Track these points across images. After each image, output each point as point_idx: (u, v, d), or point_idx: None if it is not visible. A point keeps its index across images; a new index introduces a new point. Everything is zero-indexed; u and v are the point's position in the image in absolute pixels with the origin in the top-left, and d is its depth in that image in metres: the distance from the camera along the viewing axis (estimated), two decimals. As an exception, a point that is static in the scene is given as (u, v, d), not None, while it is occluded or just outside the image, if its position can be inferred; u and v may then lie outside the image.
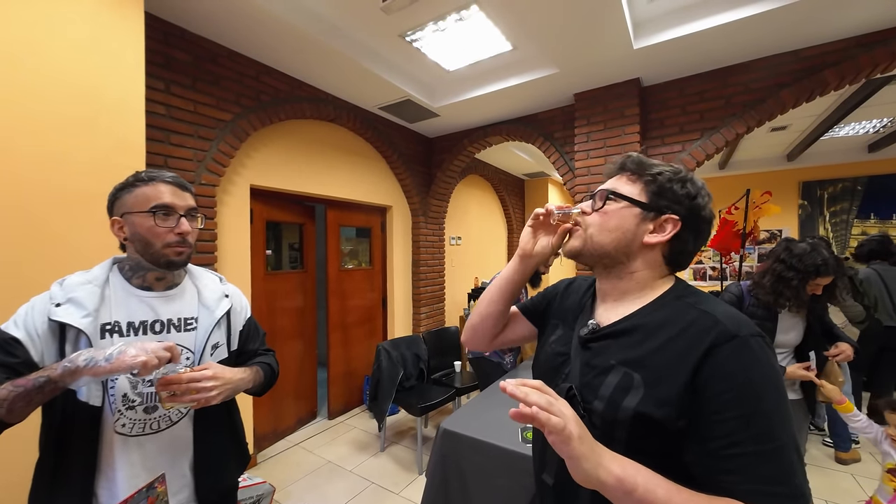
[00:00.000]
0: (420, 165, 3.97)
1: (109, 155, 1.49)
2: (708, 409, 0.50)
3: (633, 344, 0.59)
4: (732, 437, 0.48)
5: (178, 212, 0.86)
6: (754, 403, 0.49)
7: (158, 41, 1.97)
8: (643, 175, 0.64)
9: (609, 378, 0.58)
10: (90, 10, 1.46)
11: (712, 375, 0.51)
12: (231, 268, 2.39)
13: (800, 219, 5.39)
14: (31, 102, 1.32)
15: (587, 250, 0.65)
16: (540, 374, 0.73)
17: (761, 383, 0.50)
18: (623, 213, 0.63)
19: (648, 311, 0.61)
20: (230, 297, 1.01)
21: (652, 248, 0.62)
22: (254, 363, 1.01)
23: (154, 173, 0.87)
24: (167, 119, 2.02)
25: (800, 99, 2.38)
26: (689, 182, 0.63)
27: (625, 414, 0.55)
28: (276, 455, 2.69)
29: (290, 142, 2.78)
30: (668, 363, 0.54)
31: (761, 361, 0.51)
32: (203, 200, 2.16)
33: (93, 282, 0.83)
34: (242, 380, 0.89)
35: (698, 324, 0.55)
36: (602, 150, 2.84)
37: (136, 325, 0.86)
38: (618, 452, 0.52)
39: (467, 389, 2.89)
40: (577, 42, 2.29)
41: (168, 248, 0.85)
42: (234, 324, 1.01)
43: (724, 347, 0.51)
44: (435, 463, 1.59)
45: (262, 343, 1.11)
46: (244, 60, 2.37)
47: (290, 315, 2.99)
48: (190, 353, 0.90)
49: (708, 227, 0.64)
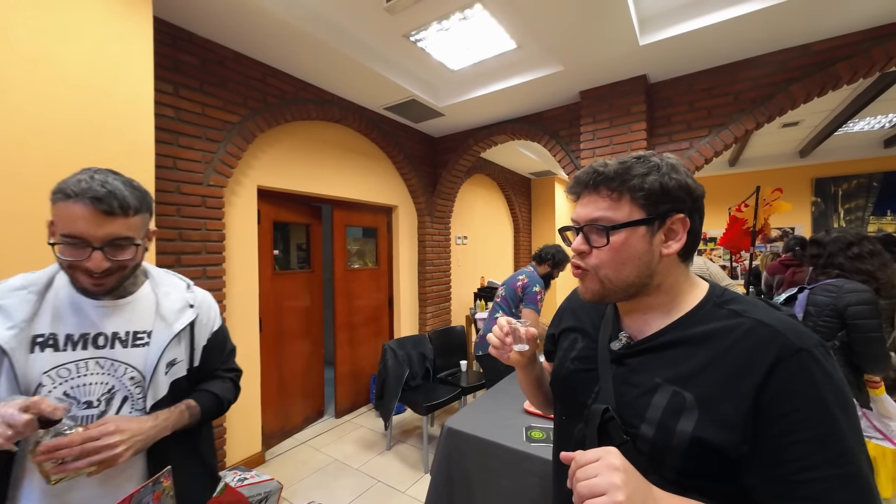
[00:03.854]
0: (425, 165, 3.98)
1: (120, 158, 1.52)
2: (776, 431, 0.46)
3: (679, 359, 0.53)
4: (806, 460, 0.44)
5: (91, 244, 0.70)
6: (829, 423, 0.44)
7: (167, 45, 2.00)
8: (626, 189, 0.55)
9: (656, 398, 0.52)
10: (100, 16, 1.49)
11: (780, 394, 0.46)
12: (239, 268, 2.43)
13: (813, 216, 5.29)
14: (44, 108, 1.35)
15: (609, 290, 0.57)
16: (562, 393, 0.68)
17: (834, 400, 0.45)
18: (631, 240, 0.55)
19: (690, 321, 0.55)
20: (196, 306, 0.89)
21: (669, 255, 0.56)
22: (191, 398, 0.86)
23: (80, 187, 0.69)
24: (176, 121, 2.05)
25: (811, 94, 2.34)
26: (672, 170, 0.55)
27: (680, 440, 0.49)
28: (284, 453, 2.72)
29: (296, 143, 2.81)
30: (724, 380, 0.49)
31: (831, 376, 0.46)
32: (211, 201, 2.20)
33: (29, 287, 0.73)
34: (155, 426, 0.74)
35: (754, 335, 0.49)
36: (608, 147, 2.81)
37: (75, 338, 0.74)
38: (668, 480, 0.49)
39: (473, 389, 2.89)
40: (583, 39, 2.28)
41: (79, 275, 0.72)
42: (199, 337, 0.88)
43: (789, 362, 0.46)
44: (439, 462, 1.59)
45: (227, 360, 0.97)
46: (250, 63, 2.40)
47: (298, 315, 3.02)
48: (137, 372, 0.78)
49: (702, 200, 0.58)
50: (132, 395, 0.78)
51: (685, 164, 2.33)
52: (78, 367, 0.74)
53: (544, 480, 1.31)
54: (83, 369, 0.74)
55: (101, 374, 0.75)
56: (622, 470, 0.44)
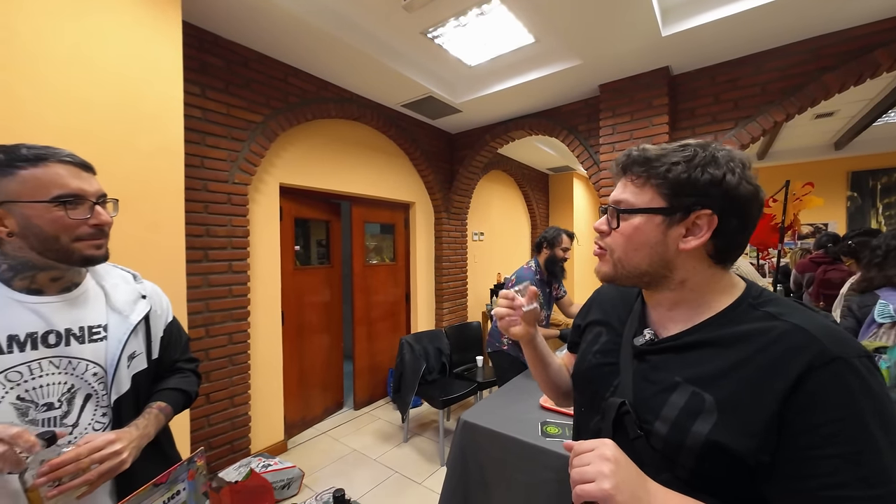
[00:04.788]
0: (442, 161, 4.00)
1: (153, 158, 1.60)
2: (802, 443, 0.43)
3: (703, 360, 0.51)
4: (837, 477, 0.41)
5: (89, 199, 0.70)
6: (865, 439, 0.41)
7: (194, 48, 2.08)
8: (651, 176, 0.54)
9: (674, 397, 0.51)
10: (133, 21, 1.57)
11: (810, 404, 0.43)
12: (262, 263, 2.51)
13: (848, 211, 5.04)
14: (81, 110, 1.44)
15: (620, 274, 0.58)
16: (582, 385, 0.68)
17: (872, 415, 0.42)
18: (644, 228, 0.54)
19: (721, 322, 0.53)
20: (148, 297, 0.86)
21: (692, 251, 0.53)
22: (159, 398, 0.84)
23: (38, 150, 0.68)
24: (203, 122, 2.14)
25: (846, 83, 2.23)
26: (711, 163, 0.51)
27: (694, 441, 0.48)
28: (305, 442, 2.81)
29: (316, 141, 2.88)
30: (748, 385, 0.47)
31: (871, 388, 0.43)
32: (236, 199, 2.28)
33: None
34: (141, 435, 0.74)
35: (787, 340, 0.46)
36: (628, 142, 2.76)
37: (20, 338, 0.68)
38: (680, 479, 0.49)
39: (489, 384, 2.90)
40: (602, 32, 2.24)
41: (81, 243, 0.70)
42: (154, 329, 0.87)
43: (823, 371, 0.43)
44: (455, 455, 1.62)
45: (184, 351, 0.96)
46: (273, 63, 2.47)
47: (318, 309, 3.10)
48: (99, 367, 0.75)
49: (752, 203, 0.52)
50: (96, 392, 0.75)
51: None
52: (31, 369, 0.68)
53: (560, 475, 1.31)
54: (37, 371, 0.69)
55: (57, 373, 0.71)
56: (612, 461, 0.45)
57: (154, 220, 1.59)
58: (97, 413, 0.75)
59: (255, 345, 2.46)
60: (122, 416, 0.76)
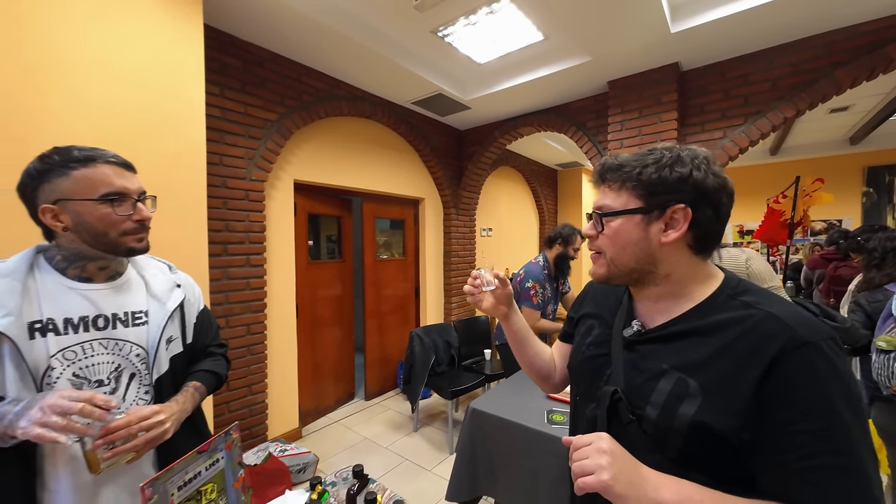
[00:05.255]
0: (451, 158, 4.04)
1: (177, 156, 1.68)
2: (780, 421, 0.47)
3: (687, 348, 0.55)
4: (809, 449, 0.46)
5: (132, 196, 0.77)
6: (833, 415, 0.46)
7: (213, 49, 2.15)
8: (625, 180, 0.59)
9: (661, 384, 0.55)
10: (158, 25, 1.64)
11: (784, 386, 0.47)
12: (278, 257, 2.60)
13: (864, 207, 4.96)
14: (111, 111, 1.52)
15: (614, 273, 0.62)
16: (577, 376, 0.71)
17: (840, 394, 0.46)
18: (626, 228, 0.59)
19: (702, 312, 0.56)
20: (182, 286, 0.94)
21: (673, 244, 0.57)
22: (194, 378, 0.92)
23: (88, 151, 0.75)
24: (222, 121, 2.22)
25: (858, 78, 2.22)
26: (677, 162, 0.56)
27: (681, 422, 0.52)
28: (318, 430, 2.91)
29: (329, 138, 2.95)
30: (728, 371, 0.51)
31: (838, 368, 0.47)
32: (253, 195, 2.36)
33: (11, 276, 0.72)
34: (181, 410, 0.82)
35: (762, 327, 0.50)
36: (637, 138, 2.77)
37: (74, 321, 0.76)
38: (671, 459, 0.53)
39: (497, 376, 2.96)
40: (611, 29, 2.25)
41: (126, 237, 0.77)
42: (189, 315, 0.94)
43: (794, 355, 0.47)
44: (464, 441, 1.69)
45: (215, 337, 1.04)
46: (287, 63, 2.53)
47: (330, 303, 3.19)
48: (141, 349, 0.83)
49: (721, 193, 0.56)
50: (139, 372, 0.82)
51: (717, 154, 2.26)
52: (84, 349, 0.76)
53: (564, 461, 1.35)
54: (88, 350, 0.76)
55: (105, 353, 0.78)
56: (609, 452, 0.49)
57: (179, 216, 1.67)
58: (140, 391, 0.83)
59: (272, 336, 2.55)
60: (162, 394, 0.84)
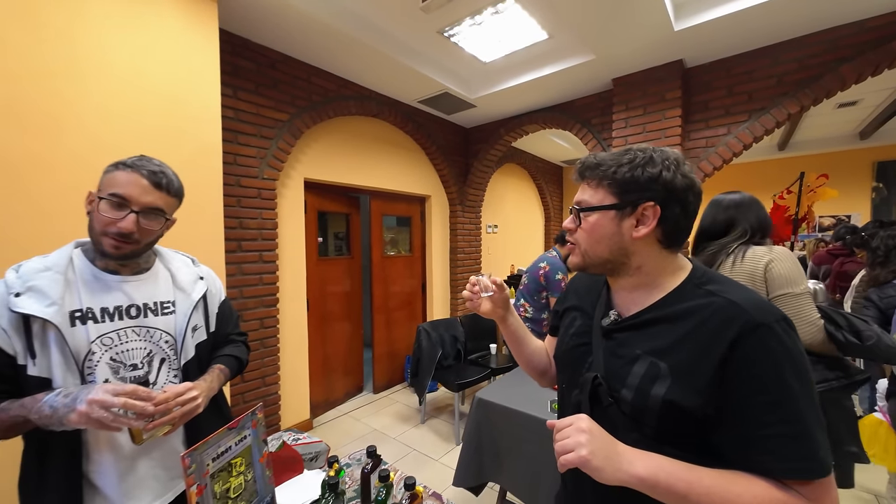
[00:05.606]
0: (457, 155, 4.09)
1: (196, 158, 1.76)
2: (738, 396, 0.52)
3: (658, 334, 0.60)
4: (762, 420, 0.51)
5: (130, 206, 0.80)
6: (782, 389, 0.51)
7: (227, 52, 2.23)
8: (602, 178, 0.64)
9: (636, 367, 0.60)
10: (177, 32, 1.72)
11: (741, 366, 0.52)
12: (289, 254, 2.68)
13: (873, 203, 4.91)
14: (135, 115, 1.60)
15: (588, 262, 0.67)
16: (563, 365, 0.76)
17: (789, 369, 0.51)
18: (601, 222, 0.64)
19: (671, 301, 0.61)
20: (205, 279, 1.01)
21: (644, 239, 0.62)
22: (218, 362, 0.99)
23: (140, 163, 0.82)
24: (236, 121, 2.29)
25: (863, 74, 2.22)
26: (648, 163, 0.61)
27: (654, 402, 0.57)
28: (329, 422, 3.00)
29: (338, 137, 3.01)
30: (693, 353, 0.55)
31: (787, 348, 0.52)
32: (265, 193, 2.44)
33: (53, 268, 0.79)
34: (209, 388, 0.89)
35: (722, 313, 0.55)
36: (641, 135, 2.80)
37: (110, 310, 0.83)
38: (647, 436, 0.57)
39: (502, 370, 3.02)
40: (615, 27, 2.28)
41: (104, 237, 0.80)
42: (211, 305, 1.01)
43: (750, 337, 0.52)
44: (470, 430, 1.75)
45: (236, 326, 1.11)
46: (297, 64, 2.60)
47: (339, 298, 3.27)
48: (170, 336, 0.90)
49: (689, 192, 0.61)
50: (169, 357, 0.90)
51: (720, 151, 2.27)
52: (119, 336, 0.83)
53: (567, 447, 1.43)
54: (123, 337, 0.84)
55: (138, 340, 0.86)
56: (587, 431, 0.54)
57: (198, 214, 1.75)
58: (170, 374, 0.90)
59: (283, 330, 2.64)
60: (189, 378, 0.91)
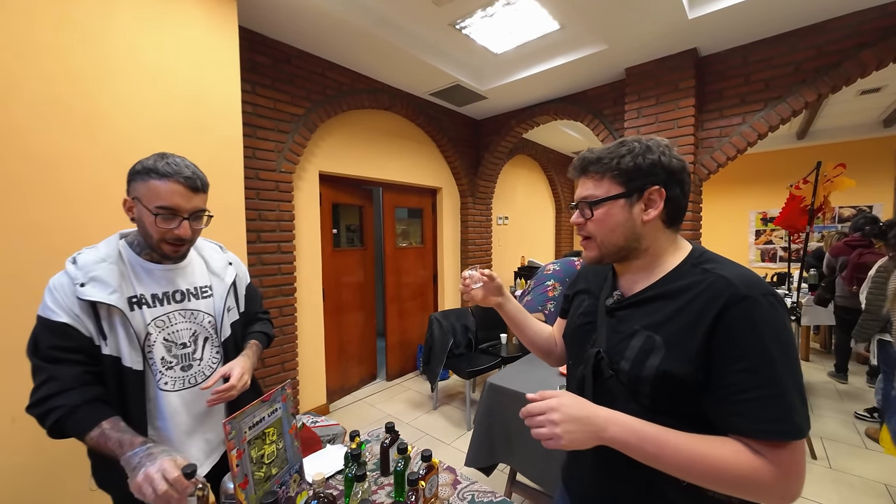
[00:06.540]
0: (468, 147, 4.11)
1: (218, 153, 1.84)
2: (722, 362, 0.56)
3: (655, 310, 0.64)
4: (743, 384, 0.54)
5: (181, 215, 0.87)
6: (762, 356, 0.54)
7: (246, 48, 2.29)
8: (606, 171, 0.67)
9: (633, 341, 0.64)
10: (199, 30, 1.78)
11: (724, 334, 0.56)
12: (306, 245, 2.76)
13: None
14: (162, 112, 1.67)
15: (605, 252, 0.70)
16: (570, 342, 0.81)
17: (770, 338, 0.54)
18: (612, 211, 0.67)
19: (669, 279, 0.65)
20: (233, 264, 1.09)
21: (652, 221, 0.66)
22: (252, 338, 1.09)
23: (172, 169, 0.85)
24: (254, 116, 2.36)
25: (885, 60, 2.18)
26: (646, 151, 0.65)
27: (648, 372, 0.60)
28: (344, 407, 3.10)
29: (351, 130, 3.07)
30: (685, 325, 0.59)
31: (769, 318, 0.55)
32: (283, 185, 2.52)
33: (107, 259, 0.86)
34: (251, 364, 1.00)
35: (713, 287, 0.59)
36: (654, 125, 2.78)
37: (159, 296, 0.92)
38: (644, 406, 0.61)
39: (512, 359, 3.07)
40: (628, 17, 2.27)
41: (164, 244, 0.88)
42: (240, 288, 1.10)
43: (735, 308, 0.56)
44: (481, 413, 1.82)
45: (261, 305, 1.20)
46: (312, 59, 2.65)
47: (353, 289, 3.36)
48: (211, 317, 1.00)
49: (684, 173, 0.67)
50: (211, 336, 0.99)
51: (735, 141, 2.29)
52: (169, 318, 0.93)
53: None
54: (173, 319, 0.93)
55: (184, 322, 0.95)
56: (557, 409, 0.59)
57: (221, 206, 1.83)
58: (213, 351, 1.00)
59: (301, 319, 2.73)
60: (228, 354, 1.02)
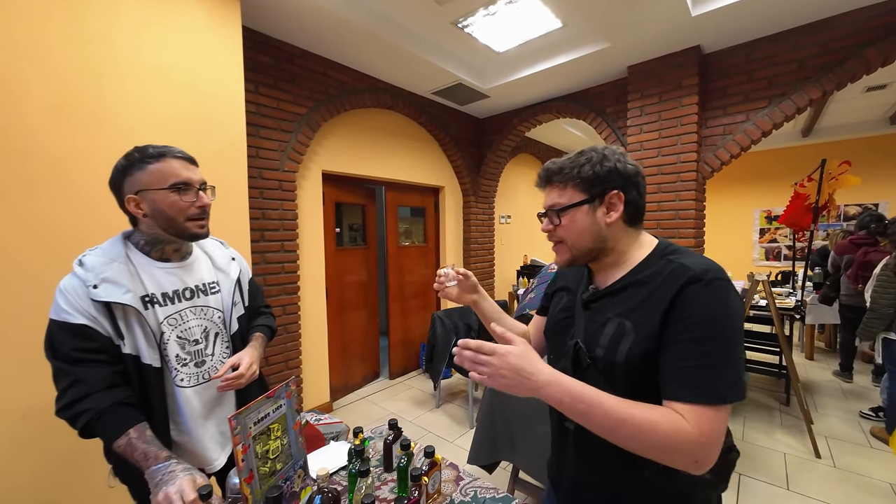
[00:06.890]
0: (471, 146, 4.11)
1: (222, 151, 1.85)
2: (670, 335, 0.61)
3: (626, 298, 0.69)
4: (686, 354, 0.59)
5: (195, 185, 0.89)
6: (706, 330, 0.59)
7: (249, 48, 2.30)
8: (568, 180, 0.73)
9: (607, 329, 0.68)
10: (202, 30, 1.79)
11: (678, 309, 0.61)
12: (309, 244, 2.77)
13: (903, 190, 4.73)
14: (167, 111, 1.69)
15: (576, 255, 0.75)
16: (552, 336, 0.86)
17: (715, 315, 0.59)
18: (578, 217, 0.72)
19: (638, 270, 0.70)
20: (236, 259, 1.10)
21: (615, 222, 0.71)
22: (257, 331, 1.11)
23: (160, 148, 0.87)
24: (257, 116, 2.38)
25: (890, 56, 2.16)
26: (603, 159, 0.71)
27: (621, 356, 0.65)
28: (348, 405, 3.12)
29: (354, 130, 3.08)
30: (649, 309, 0.64)
31: (719, 298, 0.60)
32: (286, 185, 2.53)
33: (116, 259, 0.86)
34: (258, 355, 1.02)
35: (675, 274, 0.64)
36: (656, 123, 2.78)
37: (169, 294, 0.92)
38: (620, 389, 0.63)
39: (515, 358, 3.08)
40: (630, 14, 2.27)
41: (191, 222, 0.90)
42: (244, 282, 1.12)
43: (689, 288, 0.61)
44: (484, 411, 1.83)
45: (263, 299, 1.22)
46: (314, 58, 2.66)
47: (356, 287, 3.37)
48: (220, 312, 1.01)
49: (638, 176, 0.72)
50: (221, 331, 1.01)
51: (738, 139, 2.30)
52: (182, 316, 0.94)
53: (577, 427, 1.48)
54: (185, 316, 0.94)
55: (195, 318, 0.96)
56: (504, 355, 0.61)
57: (225, 206, 1.84)
58: (223, 346, 1.03)
59: (304, 317, 2.75)
60: (236, 348, 1.04)
